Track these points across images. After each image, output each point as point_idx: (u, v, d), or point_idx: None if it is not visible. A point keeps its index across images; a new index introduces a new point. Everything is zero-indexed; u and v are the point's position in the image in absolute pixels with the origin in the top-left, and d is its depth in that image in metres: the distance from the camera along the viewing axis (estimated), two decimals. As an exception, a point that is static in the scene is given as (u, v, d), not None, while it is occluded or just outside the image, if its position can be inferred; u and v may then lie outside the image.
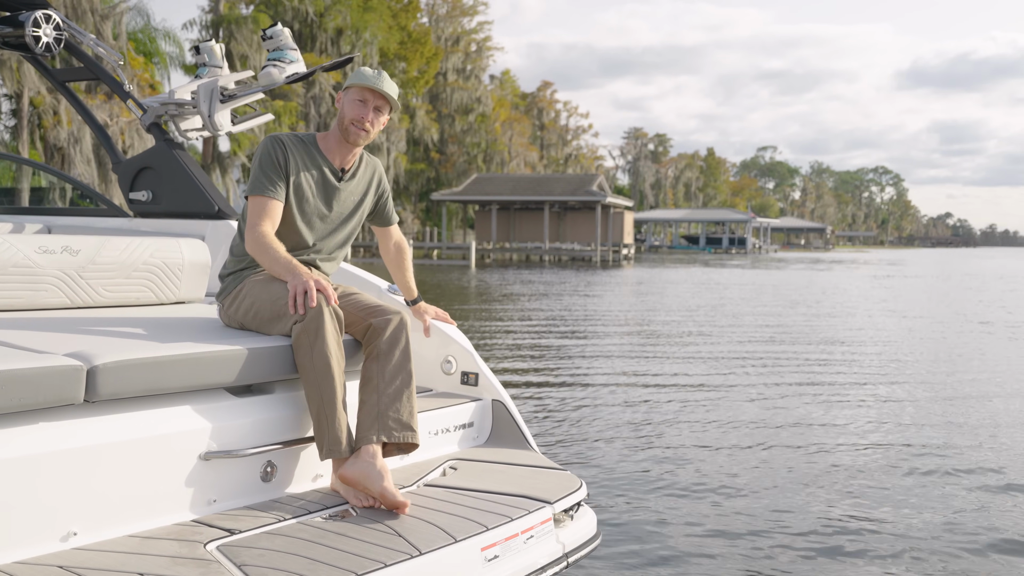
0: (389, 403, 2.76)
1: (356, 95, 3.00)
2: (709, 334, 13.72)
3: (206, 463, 2.50)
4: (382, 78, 3.02)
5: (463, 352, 3.48)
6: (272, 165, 2.98)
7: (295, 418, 2.75)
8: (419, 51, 59.92)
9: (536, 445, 3.37)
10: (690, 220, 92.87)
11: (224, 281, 3.08)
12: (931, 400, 8.34)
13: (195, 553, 2.22)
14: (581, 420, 7.13)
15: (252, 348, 2.66)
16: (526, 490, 2.83)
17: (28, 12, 4.35)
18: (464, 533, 2.45)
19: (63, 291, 3.19)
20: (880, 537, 4.52)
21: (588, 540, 2.88)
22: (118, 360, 2.35)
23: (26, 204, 20.50)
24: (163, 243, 3.44)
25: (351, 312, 2.88)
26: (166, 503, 2.42)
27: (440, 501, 2.70)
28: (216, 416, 2.56)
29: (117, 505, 2.32)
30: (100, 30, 29.32)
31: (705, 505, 4.96)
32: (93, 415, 2.35)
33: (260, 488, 2.64)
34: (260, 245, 2.88)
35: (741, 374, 9.67)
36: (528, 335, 13.18)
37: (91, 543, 2.25)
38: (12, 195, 23.98)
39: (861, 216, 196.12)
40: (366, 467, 2.66)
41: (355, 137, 3.02)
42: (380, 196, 3.27)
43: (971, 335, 14.08)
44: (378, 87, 2.98)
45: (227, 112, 4.36)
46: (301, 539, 2.35)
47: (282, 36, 4.23)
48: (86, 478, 2.25)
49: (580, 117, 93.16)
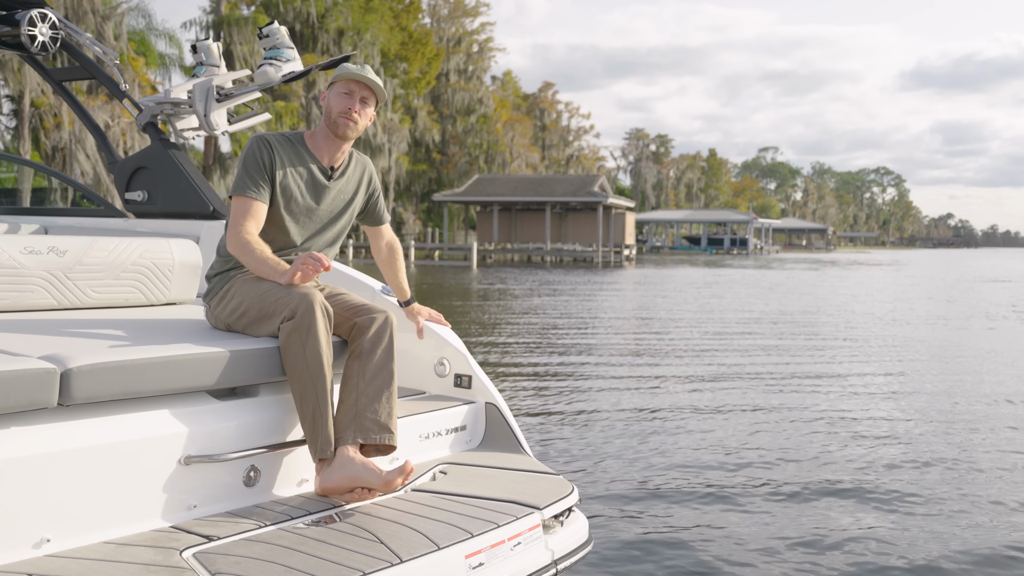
0: (368, 403, 2.71)
1: (341, 88, 2.97)
2: (710, 335, 13.68)
3: (186, 468, 2.45)
4: (366, 69, 2.99)
5: (457, 354, 3.43)
6: (256, 165, 2.94)
7: (280, 421, 2.70)
8: (420, 52, 59.94)
9: (530, 449, 3.33)
10: (692, 221, 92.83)
11: (211, 282, 3.04)
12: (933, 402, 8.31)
13: (170, 560, 2.17)
14: (577, 423, 7.05)
15: (236, 350, 2.61)
16: (515, 495, 2.77)
17: (24, 11, 4.32)
18: (448, 540, 2.40)
19: (50, 292, 3.14)
20: (881, 546, 4.48)
21: (579, 547, 2.82)
22: (93, 363, 2.30)
23: (27, 205, 20.44)
24: (153, 244, 3.39)
25: (337, 312, 2.84)
26: (144, 509, 2.37)
27: (427, 507, 2.65)
28: (197, 420, 2.51)
29: (92, 511, 2.27)
30: (101, 31, 29.33)
31: (702, 512, 4.89)
32: (67, 419, 2.30)
33: (243, 493, 2.59)
34: (243, 245, 2.84)
35: (742, 378, 9.62)
36: (527, 336, 13.15)
37: (64, 550, 2.20)
38: (12, 196, 23.95)
39: (863, 217, 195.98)
40: (349, 469, 2.61)
41: (344, 129, 2.97)
42: (371, 195, 3.23)
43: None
44: (363, 76, 2.95)
45: (223, 111, 4.33)
46: (280, 546, 2.30)
47: (278, 34, 4.21)
48: (60, 483, 2.20)
49: (582, 118, 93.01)
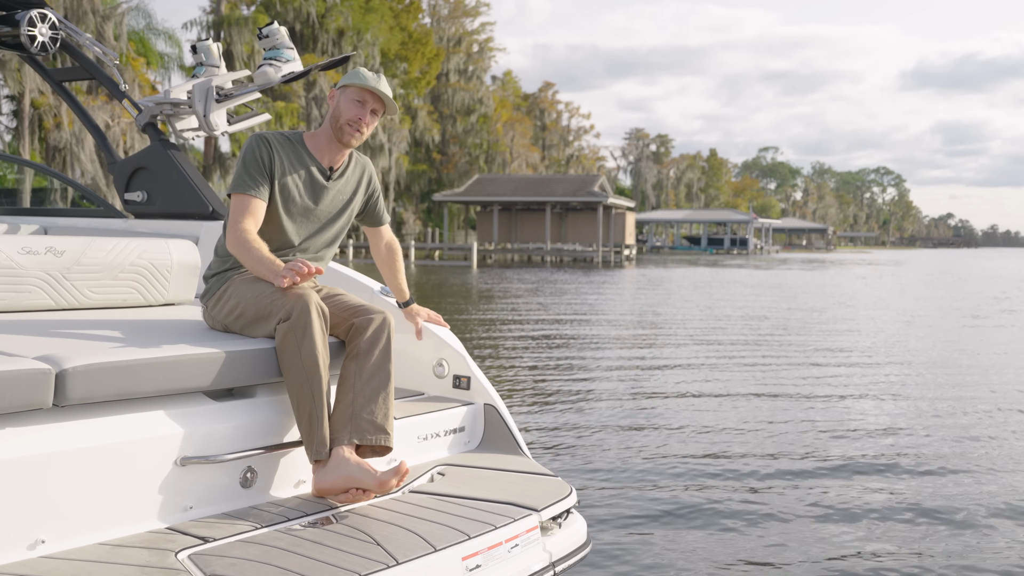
0: (364, 404, 2.70)
1: (355, 95, 2.95)
2: (710, 337, 13.68)
3: (182, 469, 2.44)
4: (381, 80, 2.97)
5: (455, 355, 3.42)
6: (256, 163, 2.93)
7: (277, 422, 2.69)
8: (420, 52, 59.94)
9: (528, 451, 3.33)
10: (692, 221, 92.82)
11: (208, 282, 3.03)
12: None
13: (164, 562, 2.17)
14: (577, 425, 6.99)
15: (233, 351, 2.60)
16: (513, 497, 2.77)
17: (24, 11, 4.32)
18: (445, 542, 2.39)
19: (47, 293, 3.13)
20: (881, 548, 4.47)
21: (577, 548, 2.81)
22: (89, 364, 2.29)
23: (27, 205, 20.47)
24: (151, 244, 3.38)
25: (335, 313, 2.83)
26: (140, 510, 2.36)
27: (424, 508, 2.64)
28: (193, 420, 2.50)
29: (88, 512, 2.26)
30: (101, 31, 29.33)
31: (703, 513, 4.85)
32: (63, 420, 2.29)
33: (239, 494, 2.58)
34: (241, 244, 2.83)
35: (744, 381, 9.56)
36: (527, 336, 13.15)
37: (59, 551, 2.19)
38: (12, 196, 23.98)
39: (863, 217, 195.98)
40: (344, 470, 2.60)
41: (349, 138, 2.97)
42: (370, 196, 3.22)
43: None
44: (378, 90, 2.93)
45: (223, 112, 4.33)
46: (276, 548, 2.29)
47: (278, 35, 4.20)
48: (55, 484, 2.20)
49: (582, 118, 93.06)
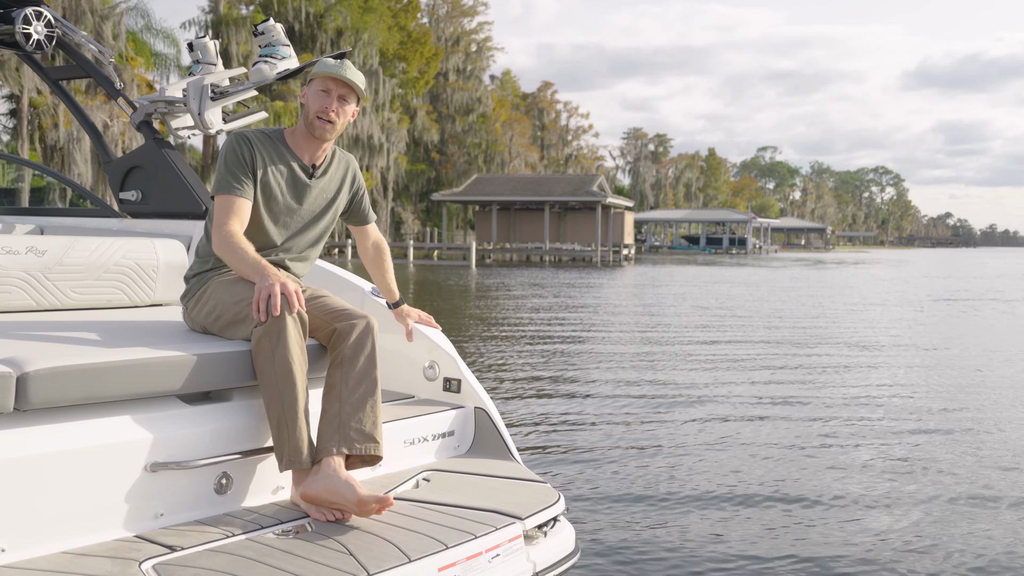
0: (352, 412, 2.62)
1: (319, 86, 2.86)
2: (707, 339, 13.66)
3: (152, 475, 2.35)
4: (345, 65, 2.85)
5: (446, 357, 3.34)
6: (238, 163, 2.85)
7: (254, 427, 2.60)
8: (419, 51, 59.91)
9: (519, 456, 3.23)
10: (690, 220, 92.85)
11: (189, 283, 2.95)
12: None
13: (127, 572, 2.09)
14: (570, 429, 6.86)
15: (207, 354, 2.51)
16: (498, 504, 2.67)
17: (19, 9, 4.30)
18: (420, 552, 2.30)
19: (28, 293, 3.05)
20: (880, 553, 4.44)
21: (564, 557, 2.71)
22: (53, 367, 2.20)
23: (24, 204, 20.45)
24: (136, 244, 3.30)
25: (317, 316, 2.74)
26: (107, 517, 2.27)
27: (404, 516, 2.54)
28: (165, 425, 2.41)
29: (51, 520, 2.18)
30: (100, 30, 29.31)
31: (696, 520, 4.74)
32: (24, 425, 2.21)
33: (213, 501, 2.49)
34: (227, 245, 2.73)
35: (737, 384, 9.49)
36: (521, 338, 13.12)
37: (18, 561, 2.11)
38: (9, 195, 23.97)
39: (861, 216, 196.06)
40: (331, 481, 2.51)
41: (320, 131, 2.87)
42: (355, 193, 3.14)
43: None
44: (340, 74, 2.83)
45: (218, 110, 4.31)
46: (245, 557, 2.20)
47: (274, 32, 4.18)
48: (15, 492, 2.12)
49: (580, 117, 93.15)
